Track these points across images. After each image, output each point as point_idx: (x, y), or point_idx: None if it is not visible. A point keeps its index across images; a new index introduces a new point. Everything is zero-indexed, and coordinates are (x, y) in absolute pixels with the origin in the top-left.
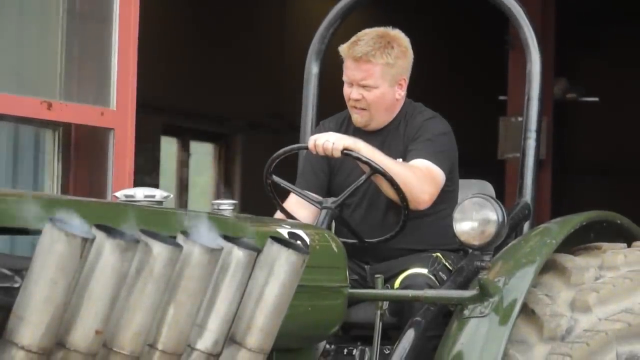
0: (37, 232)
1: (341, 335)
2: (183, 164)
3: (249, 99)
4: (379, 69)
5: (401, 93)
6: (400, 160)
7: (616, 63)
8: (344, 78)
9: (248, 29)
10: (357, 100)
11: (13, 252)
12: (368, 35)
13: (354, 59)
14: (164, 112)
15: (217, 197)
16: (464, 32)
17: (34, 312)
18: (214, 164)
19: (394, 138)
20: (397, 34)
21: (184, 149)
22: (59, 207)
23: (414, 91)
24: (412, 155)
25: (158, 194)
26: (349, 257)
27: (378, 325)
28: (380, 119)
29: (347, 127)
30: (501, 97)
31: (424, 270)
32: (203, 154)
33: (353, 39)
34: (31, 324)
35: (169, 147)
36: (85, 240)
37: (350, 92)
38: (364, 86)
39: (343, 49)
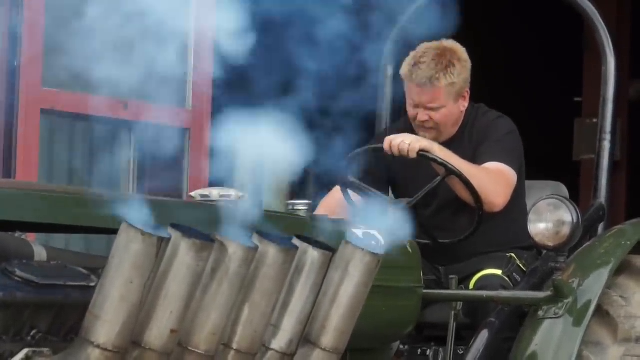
0: (113, 232)
1: (415, 336)
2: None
3: None
4: (443, 91)
5: (465, 104)
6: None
7: None
8: (408, 100)
9: None
10: (424, 121)
11: (88, 251)
12: (427, 55)
13: (417, 84)
14: None
15: (291, 197)
16: (539, 32)
17: (110, 311)
18: None
19: (461, 144)
20: (454, 46)
21: None
22: (135, 206)
23: (488, 93)
24: (482, 158)
25: (233, 193)
26: (423, 257)
27: (452, 326)
28: (448, 134)
29: (416, 134)
30: (576, 99)
31: (499, 272)
32: None
33: (411, 60)
34: (107, 323)
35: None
36: (161, 239)
37: (417, 114)
38: (430, 109)
39: (404, 72)
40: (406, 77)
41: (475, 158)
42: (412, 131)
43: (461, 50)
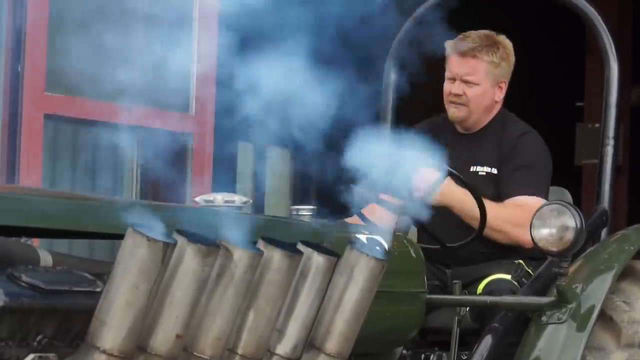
0: (117, 237)
1: (418, 340)
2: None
3: None
4: (483, 66)
5: (500, 96)
6: (494, 170)
7: None
8: (447, 74)
9: None
10: (457, 95)
11: (92, 256)
12: (475, 33)
13: (460, 54)
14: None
15: (293, 202)
16: (541, 37)
17: (116, 316)
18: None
19: (489, 143)
20: (503, 38)
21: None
22: (140, 212)
23: None
24: (513, 187)
25: (237, 199)
26: (430, 260)
27: (456, 331)
28: (477, 118)
29: (441, 131)
30: (578, 103)
31: (508, 276)
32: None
33: (460, 36)
34: (113, 328)
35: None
36: (166, 245)
37: (452, 87)
38: (466, 82)
39: (449, 43)
40: (450, 48)
41: (507, 182)
42: (433, 132)
43: (508, 43)
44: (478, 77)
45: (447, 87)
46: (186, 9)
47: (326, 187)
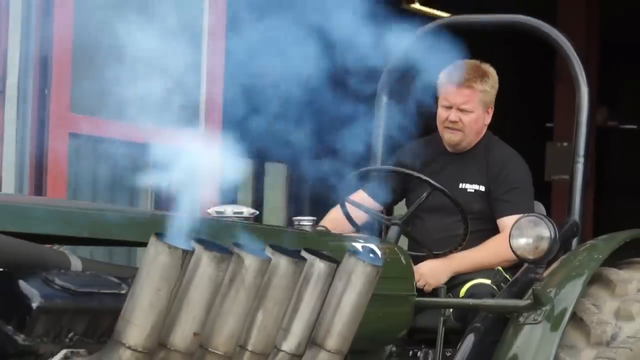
0: (134, 244)
1: (407, 339)
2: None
3: None
4: (477, 95)
5: (488, 119)
6: (482, 188)
7: None
8: (443, 102)
9: None
10: (454, 122)
11: (111, 261)
12: (467, 64)
13: (456, 85)
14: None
15: (288, 213)
16: (513, 64)
17: (140, 316)
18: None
19: (476, 163)
20: (489, 66)
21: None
22: (160, 222)
23: None
24: (507, 207)
25: (246, 210)
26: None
27: (441, 330)
28: (469, 141)
29: (434, 150)
30: (548, 124)
31: (488, 281)
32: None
33: (451, 67)
34: (137, 327)
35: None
36: (185, 252)
37: (448, 115)
38: (462, 110)
39: (442, 76)
40: (444, 79)
41: (502, 203)
42: (425, 150)
43: (494, 72)
44: (473, 105)
45: (443, 114)
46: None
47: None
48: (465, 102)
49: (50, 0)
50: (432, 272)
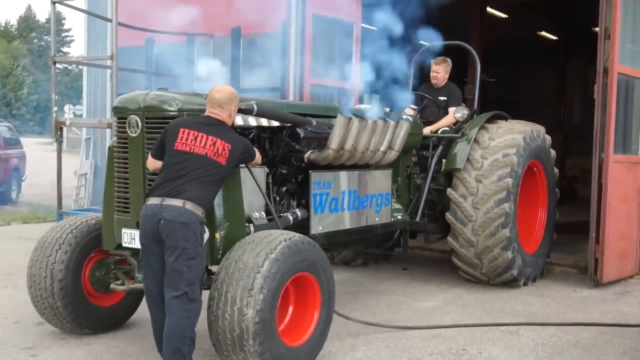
0: (333, 117)
1: (418, 147)
2: None
3: None
4: (444, 67)
5: (446, 77)
6: (445, 98)
7: None
8: (432, 68)
9: None
10: (435, 76)
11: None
12: (440, 58)
13: (436, 63)
14: None
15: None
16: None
17: (334, 141)
18: None
19: (444, 90)
20: (447, 59)
21: None
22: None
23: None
24: (452, 104)
25: (370, 107)
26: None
27: (431, 144)
28: (441, 83)
29: (427, 86)
30: (465, 80)
31: (447, 128)
32: None
33: (435, 59)
34: (333, 143)
35: None
36: (349, 118)
37: (434, 73)
38: (437, 71)
39: (432, 61)
40: (433, 61)
41: (450, 102)
42: (426, 86)
43: (450, 60)
44: (443, 71)
45: (433, 74)
46: None
47: None
48: (439, 70)
49: None
50: (427, 127)
